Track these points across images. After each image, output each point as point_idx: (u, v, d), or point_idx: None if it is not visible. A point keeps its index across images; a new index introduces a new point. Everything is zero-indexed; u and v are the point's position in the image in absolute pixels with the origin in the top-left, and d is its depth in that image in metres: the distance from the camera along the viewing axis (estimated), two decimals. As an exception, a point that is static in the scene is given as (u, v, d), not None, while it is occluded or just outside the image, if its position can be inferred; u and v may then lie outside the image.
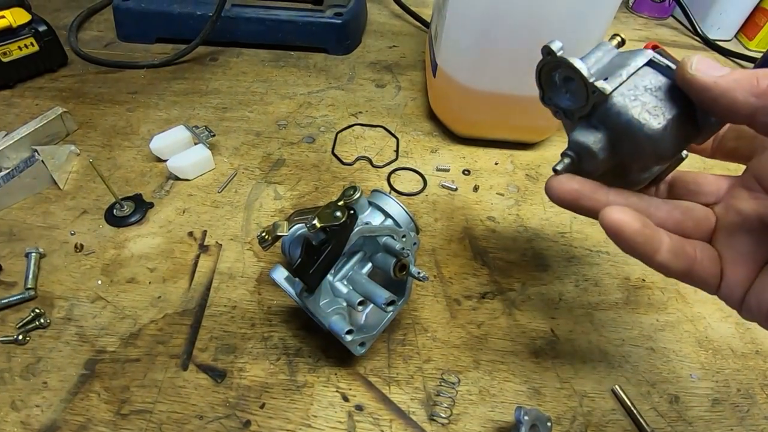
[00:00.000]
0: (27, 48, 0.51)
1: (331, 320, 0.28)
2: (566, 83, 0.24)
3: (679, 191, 0.27)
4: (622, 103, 0.22)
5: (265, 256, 0.38)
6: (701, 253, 0.23)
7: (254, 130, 0.50)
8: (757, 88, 0.18)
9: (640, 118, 0.22)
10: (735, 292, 0.23)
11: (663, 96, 0.22)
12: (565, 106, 0.25)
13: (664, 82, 0.22)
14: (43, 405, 0.29)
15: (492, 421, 0.30)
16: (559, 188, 0.25)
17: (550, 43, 0.24)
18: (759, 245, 0.23)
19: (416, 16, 0.70)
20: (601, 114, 0.23)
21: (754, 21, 0.72)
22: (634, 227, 0.22)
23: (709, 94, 0.20)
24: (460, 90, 0.46)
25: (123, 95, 0.53)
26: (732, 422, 0.31)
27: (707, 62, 0.20)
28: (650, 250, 0.22)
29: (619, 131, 0.23)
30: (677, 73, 0.21)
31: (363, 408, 0.30)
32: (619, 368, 0.33)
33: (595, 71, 0.24)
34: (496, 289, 0.38)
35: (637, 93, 0.22)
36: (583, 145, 0.24)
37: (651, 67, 0.23)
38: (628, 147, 0.23)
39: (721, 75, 0.20)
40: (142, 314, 0.34)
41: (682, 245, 0.23)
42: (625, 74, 0.22)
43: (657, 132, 0.22)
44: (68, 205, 0.41)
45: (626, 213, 0.22)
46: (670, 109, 0.22)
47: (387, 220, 0.32)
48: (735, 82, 0.19)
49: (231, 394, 0.30)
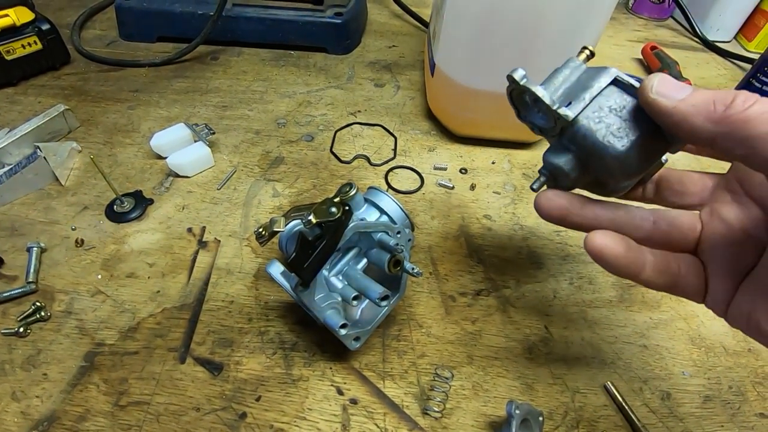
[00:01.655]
0: (30, 46, 0.52)
1: (326, 314, 0.29)
2: (536, 104, 0.25)
3: (666, 192, 0.27)
4: (588, 126, 0.23)
5: (263, 252, 0.39)
6: (685, 267, 0.24)
7: (254, 128, 0.51)
8: (714, 114, 0.18)
9: (604, 141, 0.22)
10: (720, 303, 0.23)
11: (627, 116, 0.22)
12: (539, 124, 0.26)
13: (628, 102, 0.22)
14: (43, 396, 0.30)
15: (484, 415, 0.31)
16: (547, 205, 0.25)
17: (513, 72, 0.24)
18: (741, 256, 0.23)
19: (416, 16, 0.70)
20: (570, 136, 0.24)
21: (753, 22, 0.72)
22: (618, 252, 0.23)
23: (670, 119, 0.20)
24: (457, 89, 0.46)
25: (124, 93, 0.54)
26: (723, 419, 0.31)
27: (668, 84, 0.20)
28: (634, 271, 0.23)
29: (588, 152, 0.23)
30: (639, 95, 0.21)
31: (357, 401, 0.31)
32: (612, 365, 0.34)
33: (562, 92, 0.24)
34: (491, 287, 0.38)
35: (601, 115, 0.23)
36: (555, 166, 0.25)
37: (616, 87, 0.23)
38: (598, 166, 0.24)
39: (681, 99, 0.19)
40: (141, 308, 0.35)
41: (666, 262, 0.24)
42: (588, 97, 0.23)
43: (621, 154, 0.22)
44: (69, 200, 0.42)
45: (610, 238, 0.23)
46: (634, 129, 0.22)
47: (382, 217, 0.33)
48: (693, 108, 0.19)
49: (227, 387, 0.31)
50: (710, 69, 0.67)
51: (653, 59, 0.64)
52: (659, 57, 0.63)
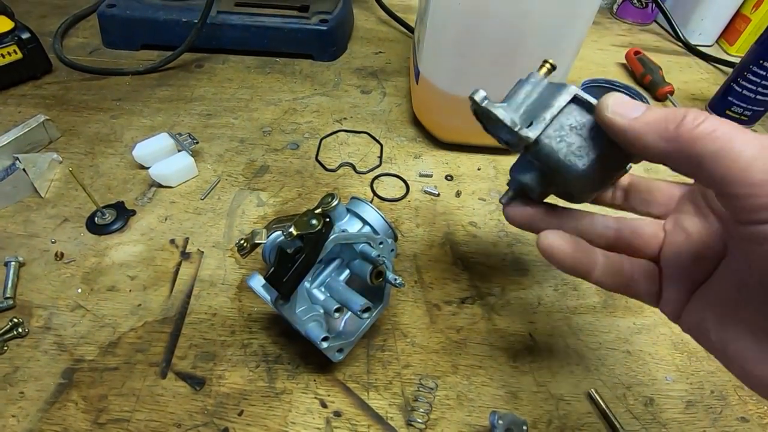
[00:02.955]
0: (10, 55, 0.51)
1: (307, 327, 0.29)
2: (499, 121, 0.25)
3: (634, 199, 0.28)
4: (549, 146, 0.23)
5: (247, 263, 0.39)
6: (638, 271, 0.25)
7: (239, 136, 0.50)
8: (666, 132, 0.19)
9: (566, 161, 0.23)
10: (672, 308, 0.24)
11: (587, 134, 0.23)
12: (505, 139, 0.27)
13: (588, 120, 0.23)
14: (20, 415, 0.29)
15: (469, 425, 0.31)
16: (515, 213, 0.27)
17: (474, 94, 0.25)
18: (698, 266, 0.23)
19: (402, 23, 0.70)
20: (534, 153, 0.24)
21: (734, 27, 0.73)
22: (565, 251, 0.24)
23: (624, 137, 0.20)
24: (441, 96, 0.46)
25: (107, 102, 0.53)
26: (705, 423, 0.32)
27: (623, 102, 0.21)
28: (583, 271, 0.24)
29: (551, 169, 0.24)
30: (596, 114, 0.22)
31: (341, 414, 0.31)
32: (596, 371, 0.34)
33: (524, 110, 0.24)
34: (476, 294, 0.38)
35: (562, 134, 0.23)
36: (521, 182, 0.26)
37: (576, 105, 0.23)
38: (561, 182, 0.25)
39: (635, 117, 0.20)
40: (122, 322, 0.34)
41: (619, 264, 0.25)
42: (549, 116, 0.23)
43: (583, 172, 0.23)
44: (49, 213, 0.41)
45: (559, 237, 0.24)
46: (594, 147, 0.23)
47: (365, 227, 0.33)
48: (647, 126, 0.19)
49: (209, 402, 0.31)
50: (693, 73, 0.68)
51: (637, 64, 0.64)
52: (643, 62, 0.64)
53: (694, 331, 0.23)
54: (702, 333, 0.22)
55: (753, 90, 0.55)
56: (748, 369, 0.20)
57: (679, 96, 0.62)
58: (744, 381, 0.20)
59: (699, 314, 0.22)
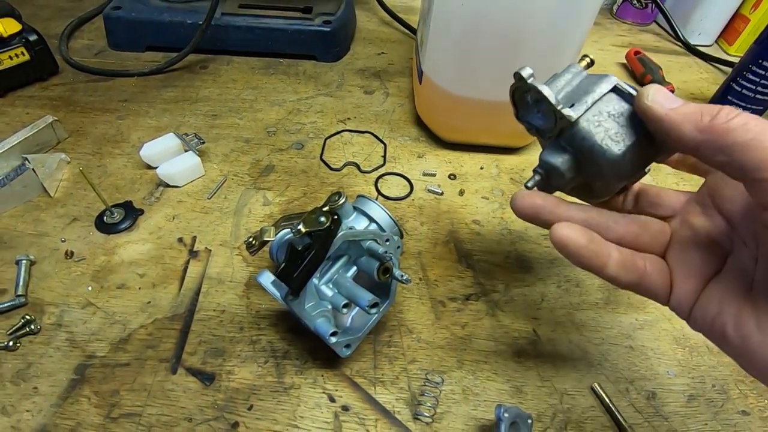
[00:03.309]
0: (18, 57, 0.52)
1: (316, 323, 0.29)
2: (537, 104, 0.26)
3: (643, 203, 0.28)
4: (587, 129, 0.24)
5: (254, 261, 0.39)
6: (651, 266, 0.25)
7: (244, 136, 0.51)
8: (701, 123, 0.20)
9: (602, 144, 0.23)
10: (683, 304, 0.24)
11: (624, 122, 0.24)
12: (537, 124, 0.27)
13: (626, 109, 0.24)
14: (34, 410, 0.30)
15: (475, 419, 0.31)
16: (522, 202, 0.26)
17: (521, 70, 0.25)
18: (706, 261, 0.24)
19: (404, 23, 0.71)
20: (568, 137, 0.25)
21: (733, 27, 0.74)
22: (580, 243, 0.23)
23: (662, 125, 0.21)
24: (444, 96, 0.47)
25: (113, 103, 0.54)
26: (707, 417, 0.32)
27: (663, 94, 0.22)
28: (598, 264, 0.24)
29: (584, 154, 0.24)
30: (636, 101, 0.23)
31: (349, 408, 0.31)
32: (599, 366, 0.34)
33: (564, 95, 0.25)
34: (480, 291, 0.39)
35: (600, 119, 0.24)
36: (552, 165, 0.26)
37: (615, 94, 0.24)
38: (592, 168, 0.25)
39: (672, 108, 0.21)
40: (132, 319, 0.35)
41: (632, 259, 0.25)
42: (590, 101, 0.24)
43: (618, 157, 0.23)
44: (59, 212, 0.42)
45: (573, 229, 0.24)
46: (630, 135, 0.23)
47: (371, 225, 0.33)
48: (683, 116, 0.20)
49: (219, 397, 0.31)
50: (692, 73, 0.69)
51: (637, 64, 0.65)
52: (643, 62, 0.64)
53: (706, 328, 0.23)
54: (716, 329, 0.22)
55: (752, 89, 0.56)
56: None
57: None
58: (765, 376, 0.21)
59: (713, 309, 0.22)
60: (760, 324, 0.20)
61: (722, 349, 0.23)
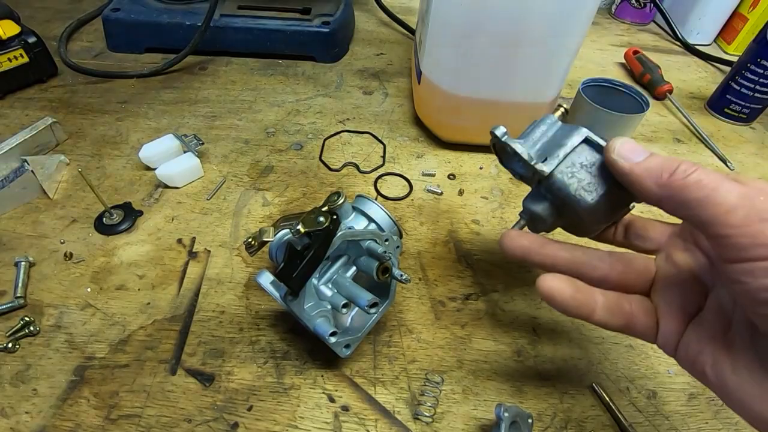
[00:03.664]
0: (17, 59, 0.52)
1: (315, 323, 0.29)
2: (516, 155, 0.27)
3: (631, 235, 0.29)
4: (562, 180, 0.25)
5: (253, 262, 0.39)
6: (637, 307, 0.25)
7: (243, 137, 0.51)
8: (660, 179, 0.21)
9: (576, 195, 0.25)
10: (669, 342, 0.24)
11: (596, 172, 0.25)
12: (520, 172, 0.29)
13: (597, 159, 0.25)
14: (33, 411, 0.30)
15: (475, 419, 0.31)
16: (511, 245, 0.27)
17: (495, 129, 0.27)
18: (689, 299, 0.24)
19: (403, 24, 0.71)
20: (546, 186, 0.26)
21: (731, 26, 0.74)
22: (566, 294, 0.24)
23: (626, 179, 0.22)
24: (443, 96, 0.47)
25: (113, 105, 0.54)
26: (707, 416, 0.32)
27: (628, 147, 0.22)
28: (585, 312, 0.25)
29: (562, 202, 0.26)
30: (604, 153, 0.24)
31: (349, 408, 0.31)
32: (599, 365, 0.34)
33: (539, 147, 0.27)
34: (480, 291, 0.39)
35: (573, 170, 0.25)
36: (533, 212, 0.28)
37: (587, 144, 0.25)
38: (571, 214, 0.26)
39: (636, 162, 0.22)
40: (131, 320, 0.35)
41: (618, 302, 0.25)
42: (563, 154, 0.25)
43: (592, 206, 0.25)
44: (58, 214, 0.42)
45: (558, 280, 0.24)
46: (602, 184, 0.25)
47: (370, 225, 0.33)
48: (646, 171, 0.21)
49: (219, 398, 0.31)
50: (691, 72, 0.69)
51: (636, 63, 0.65)
52: (641, 61, 0.64)
53: (690, 366, 0.23)
54: (697, 368, 0.23)
55: (751, 88, 0.56)
56: (746, 405, 0.20)
57: (678, 95, 0.63)
58: (743, 417, 0.21)
59: (694, 348, 0.23)
60: (735, 367, 0.21)
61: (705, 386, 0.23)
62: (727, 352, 0.21)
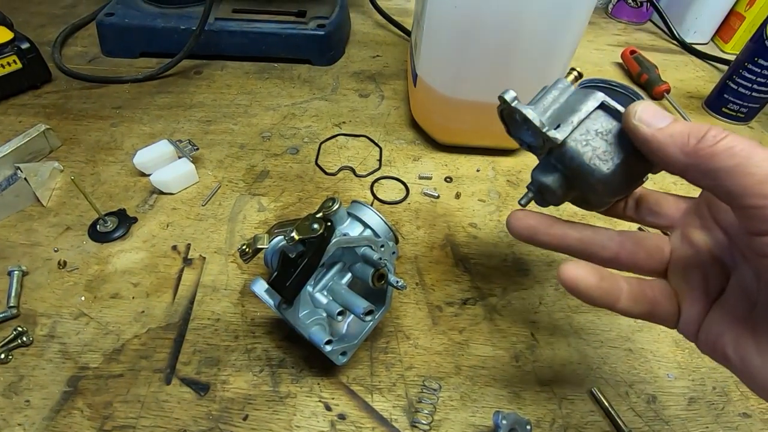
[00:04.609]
0: (10, 66, 0.51)
1: (310, 331, 0.29)
2: (526, 123, 0.25)
3: (643, 210, 0.28)
4: (575, 149, 0.23)
5: (249, 268, 0.39)
6: (659, 293, 0.24)
7: (238, 142, 0.51)
8: (687, 146, 0.19)
9: (590, 164, 0.23)
10: (691, 328, 0.24)
11: (613, 140, 0.23)
12: (528, 141, 0.27)
13: (614, 126, 0.23)
14: (26, 423, 0.29)
15: (473, 426, 0.31)
16: (517, 224, 0.26)
17: (504, 93, 0.25)
18: (710, 281, 0.23)
19: (399, 26, 0.71)
20: (558, 156, 0.24)
21: (728, 24, 0.74)
22: (592, 282, 0.23)
23: (648, 146, 0.21)
24: (439, 99, 0.47)
25: (107, 110, 0.53)
26: (708, 420, 0.32)
27: (650, 112, 0.21)
28: (610, 301, 0.23)
29: (574, 172, 0.24)
30: (623, 120, 0.22)
31: (346, 417, 0.31)
32: (598, 370, 0.34)
33: (551, 113, 0.25)
34: (478, 295, 0.38)
35: (588, 138, 0.23)
36: (543, 183, 0.26)
37: (602, 111, 0.24)
38: (583, 186, 0.25)
39: (659, 128, 0.20)
40: (126, 329, 0.34)
41: (641, 289, 0.24)
42: (576, 120, 0.23)
43: (607, 176, 0.23)
44: (51, 221, 0.41)
45: (583, 268, 0.23)
46: (618, 153, 0.23)
47: (366, 231, 0.33)
48: (670, 138, 0.20)
49: (214, 407, 0.31)
50: (688, 71, 0.69)
51: (633, 63, 0.65)
52: (638, 61, 0.64)
53: (712, 349, 0.22)
54: (718, 351, 0.22)
55: (749, 87, 0.55)
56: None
57: (676, 94, 0.63)
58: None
59: (715, 330, 0.22)
60: (759, 348, 0.20)
61: (727, 369, 0.22)
62: (752, 333, 0.20)
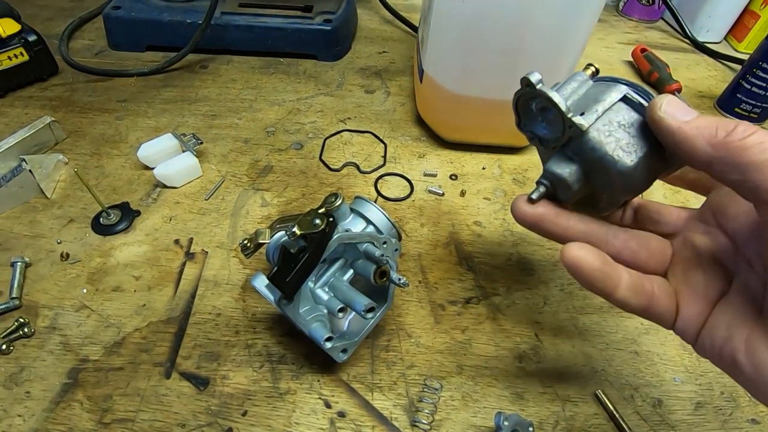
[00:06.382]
0: (17, 58, 0.52)
1: (311, 327, 0.29)
2: (543, 113, 0.25)
3: (643, 218, 0.27)
4: (597, 139, 0.23)
5: (251, 263, 0.39)
6: (659, 289, 0.24)
7: (243, 137, 0.50)
8: (715, 139, 0.19)
9: (614, 155, 0.22)
10: (689, 328, 0.23)
11: (635, 133, 0.22)
12: (541, 134, 0.26)
13: (636, 119, 0.23)
14: (26, 414, 0.29)
15: (474, 426, 0.30)
16: (522, 211, 0.25)
17: (530, 75, 0.24)
18: (711, 282, 0.23)
19: (406, 22, 0.70)
20: (576, 147, 0.23)
21: (742, 23, 0.72)
22: (594, 264, 0.23)
23: (673, 138, 0.20)
24: (446, 96, 0.46)
25: (112, 103, 0.53)
26: (715, 425, 0.31)
27: (676, 104, 0.21)
28: (610, 287, 0.23)
29: (593, 165, 0.23)
30: (647, 112, 0.22)
31: (345, 414, 0.30)
32: (603, 372, 0.34)
33: (572, 103, 0.24)
34: (481, 294, 0.38)
35: (611, 129, 0.23)
36: (559, 176, 0.24)
37: (624, 103, 0.23)
38: (601, 180, 0.24)
39: (686, 120, 0.20)
40: (127, 322, 0.34)
41: (641, 282, 0.24)
42: (601, 109, 0.23)
43: (630, 168, 0.22)
44: (55, 213, 0.41)
45: (586, 250, 0.23)
46: (641, 146, 0.22)
47: (368, 227, 0.32)
48: (696, 130, 0.20)
49: (213, 402, 0.31)
50: (700, 70, 0.68)
51: (643, 61, 0.64)
52: (649, 59, 0.63)
53: (717, 353, 0.22)
54: (726, 354, 0.21)
55: (763, 87, 0.54)
56: None
57: (687, 93, 0.61)
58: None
59: (722, 335, 0.21)
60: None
61: (732, 377, 0.21)
62: (764, 335, 0.20)
